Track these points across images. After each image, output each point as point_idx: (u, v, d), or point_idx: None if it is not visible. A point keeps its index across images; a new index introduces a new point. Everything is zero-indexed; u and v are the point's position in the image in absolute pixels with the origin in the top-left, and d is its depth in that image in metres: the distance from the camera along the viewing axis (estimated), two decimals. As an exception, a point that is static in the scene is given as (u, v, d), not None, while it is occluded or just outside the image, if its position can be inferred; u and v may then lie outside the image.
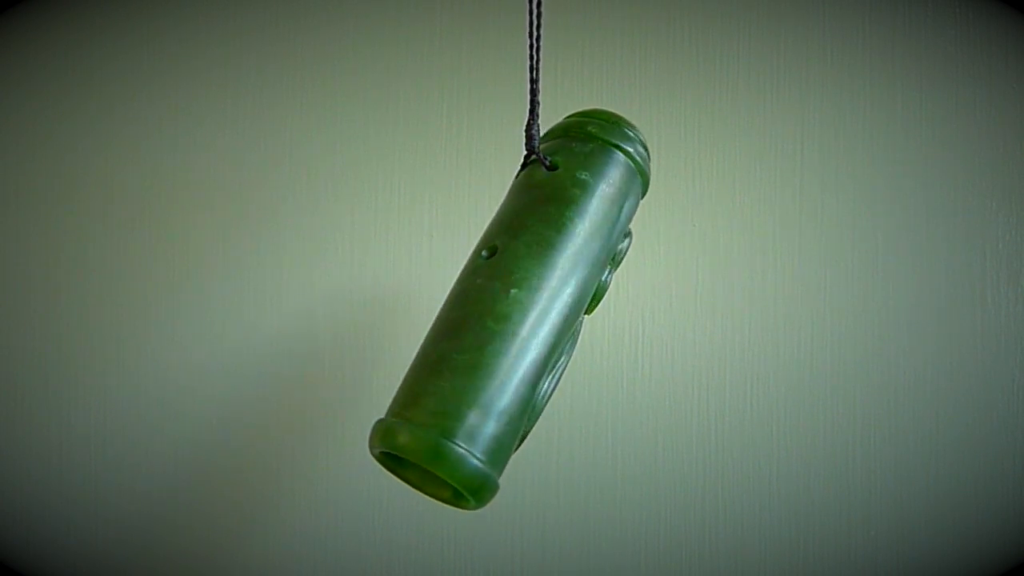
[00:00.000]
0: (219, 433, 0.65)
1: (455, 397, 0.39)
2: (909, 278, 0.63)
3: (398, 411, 0.40)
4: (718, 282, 0.64)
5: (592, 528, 0.63)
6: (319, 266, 0.64)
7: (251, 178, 0.65)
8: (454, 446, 0.38)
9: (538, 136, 0.45)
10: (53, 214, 0.65)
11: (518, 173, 0.47)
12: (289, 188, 0.64)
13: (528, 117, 0.45)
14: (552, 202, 0.43)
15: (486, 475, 0.38)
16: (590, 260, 0.43)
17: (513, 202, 0.45)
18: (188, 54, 0.65)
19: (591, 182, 0.44)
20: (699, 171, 0.63)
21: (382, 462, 0.42)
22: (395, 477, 0.43)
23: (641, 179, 0.46)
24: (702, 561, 0.63)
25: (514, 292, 0.41)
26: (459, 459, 0.38)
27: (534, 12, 0.44)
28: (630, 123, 0.47)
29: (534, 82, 0.45)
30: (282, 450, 0.64)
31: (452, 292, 0.44)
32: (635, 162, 0.46)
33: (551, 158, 0.45)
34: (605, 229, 0.44)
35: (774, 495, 0.63)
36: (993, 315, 0.63)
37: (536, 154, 0.45)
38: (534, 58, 0.45)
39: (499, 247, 0.43)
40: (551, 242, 0.42)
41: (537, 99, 0.45)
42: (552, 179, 0.44)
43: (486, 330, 0.40)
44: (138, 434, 0.64)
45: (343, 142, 0.65)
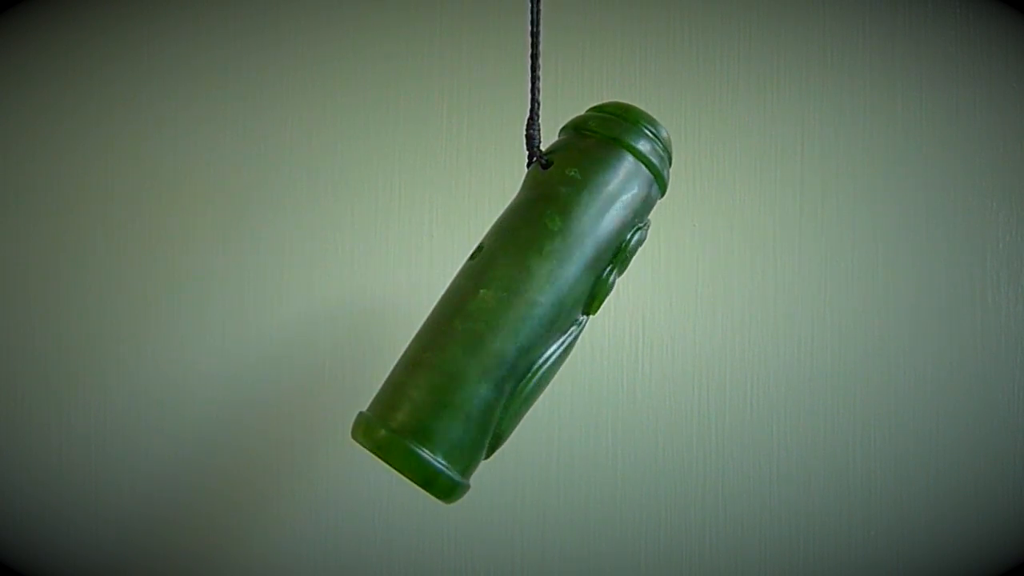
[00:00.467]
0: (219, 432, 0.64)
1: (416, 394, 0.40)
2: (909, 278, 0.63)
3: (372, 405, 0.42)
4: (718, 282, 0.64)
5: (592, 528, 0.63)
6: (319, 266, 0.64)
7: (251, 178, 0.65)
8: (404, 441, 0.39)
9: (538, 136, 0.45)
10: (53, 214, 0.65)
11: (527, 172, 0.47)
12: (289, 188, 0.64)
13: (528, 117, 0.45)
14: (538, 201, 0.43)
15: (437, 470, 0.39)
16: (576, 259, 0.42)
17: (511, 202, 0.45)
18: (188, 54, 0.65)
19: (580, 179, 0.43)
20: (699, 171, 0.63)
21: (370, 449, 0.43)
22: (384, 464, 0.43)
23: (649, 172, 0.44)
24: (702, 561, 0.63)
25: (483, 292, 0.41)
26: (407, 454, 0.39)
27: (534, 11, 0.44)
28: (638, 115, 0.45)
29: (535, 79, 0.44)
30: (282, 450, 0.64)
31: (443, 292, 0.44)
32: (637, 155, 0.44)
33: (550, 156, 0.44)
34: (597, 227, 0.42)
35: (774, 495, 0.63)
36: (993, 315, 0.63)
37: (534, 153, 0.45)
38: (534, 59, 0.45)
39: (484, 247, 0.43)
40: (527, 241, 0.42)
41: (537, 99, 0.45)
42: (545, 178, 0.44)
43: (452, 330, 0.41)
44: (138, 434, 0.64)
45: (343, 142, 0.65)
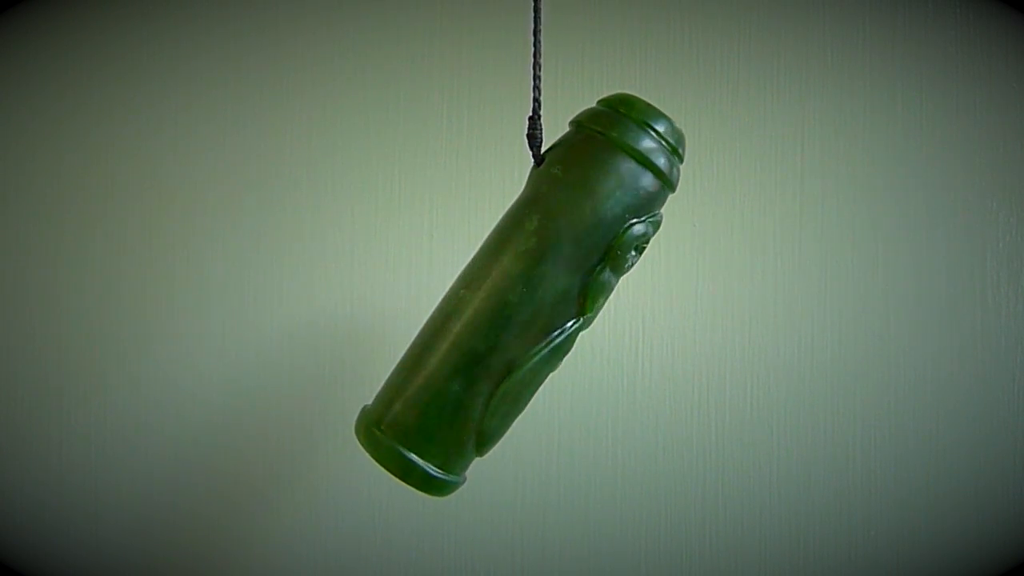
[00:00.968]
0: (219, 432, 0.64)
1: (394, 388, 0.42)
2: (909, 278, 0.63)
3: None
4: (718, 282, 0.64)
5: (592, 528, 0.63)
6: (319, 266, 0.64)
7: (252, 178, 0.65)
8: (381, 435, 0.41)
9: (540, 135, 0.45)
10: (53, 214, 0.65)
11: None
12: (290, 188, 0.64)
13: (530, 117, 0.45)
14: (524, 201, 0.43)
15: (411, 462, 0.41)
16: (552, 258, 0.41)
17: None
18: (188, 55, 0.65)
19: (561, 176, 0.41)
20: (699, 171, 0.63)
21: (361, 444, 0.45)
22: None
23: (641, 166, 0.41)
24: (702, 561, 0.63)
25: (462, 292, 0.42)
26: (377, 442, 0.41)
27: (536, 12, 0.44)
28: (630, 107, 0.42)
29: (537, 79, 0.44)
30: (282, 448, 0.64)
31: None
32: (625, 148, 0.41)
33: (545, 153, 0.44)
34: (577, 225, 0.41)
35: (774, 495, 0.63)
36: (993, 315, 0.63)
37: (533, 153, 0.45)
38: (536, 58, 0.44)
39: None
40: (505, 241, 0.42)
41: (539, 99, 0.45)
42: (535, 176, 0.43)
43: (435, 328, 0.42)
44: (138, 434, 0.64)
45: (343, 142, 0.64)
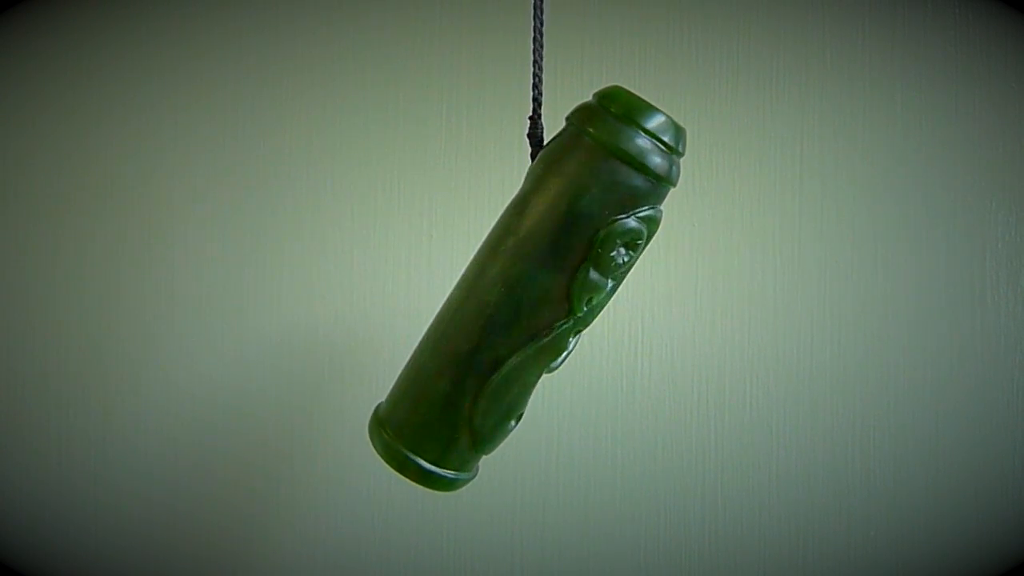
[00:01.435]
0: (219, 431, 0.64)
1: (396, 386, 0.43)
2: (909, 278, 0.63)
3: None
4: (718, 282, 0.64)
5: (592, 527, 0.63)
6: (319, 266, 0.64)
7: (252, 178, 0.65)
8: (380, 430, 0.43)
9: (540, 135, 0.45)
10: (53, 214, 0.65)
11: None
12: (290, 188, 0.64)
13: (531, 116, 0.45)
14: (514, 200, 0.42)
15: (406, 457, 0.42)
16: (529, 257, 0.39)
17: None
18: (188, 55, 0.65)
19: (541, 174, 0.40)
20: (699, 171, 0.63)
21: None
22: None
23: (622, 162, 0.38)
24: (702, 561, 0.63)
25: (452, 292, 0.42)
26: (380, 439, 0.42)
27: (537, 14, 0.44)
28: (612, 101, 0.39)
29: (537, 77, 0.44)
30: (281, 449, 0.64)
31: None
32: (604, 144, 0.38)
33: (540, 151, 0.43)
34: (552, 223, 0.39)
35: (774, 495, 0.63)
36: (993, 315, 0.63)
37: (532, 152, 0.45)
38: (536, 57, 0.44)
39: None
40: (489, 241, 0.42)
41: (539, 99, 0.45)
42: (526, 175, 0.43)
43: (428, 328, 0.43)
44: (138, 434, 0.64)
45: (343, 142, 0.64)
